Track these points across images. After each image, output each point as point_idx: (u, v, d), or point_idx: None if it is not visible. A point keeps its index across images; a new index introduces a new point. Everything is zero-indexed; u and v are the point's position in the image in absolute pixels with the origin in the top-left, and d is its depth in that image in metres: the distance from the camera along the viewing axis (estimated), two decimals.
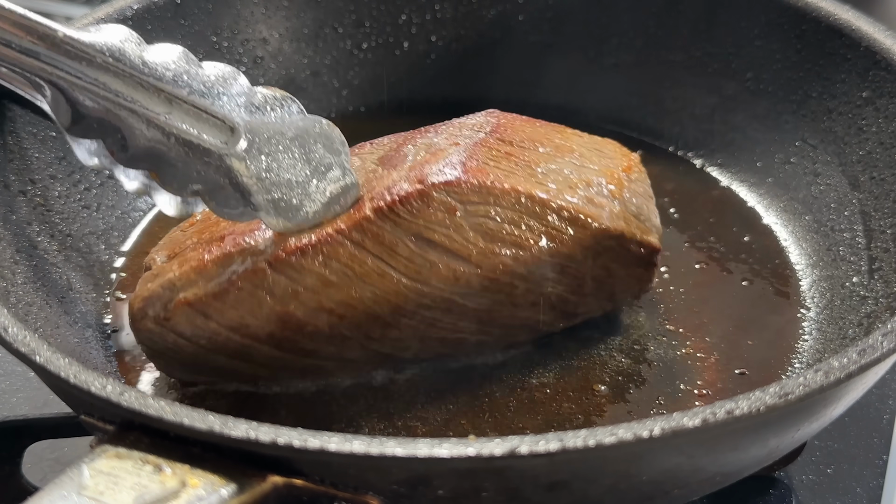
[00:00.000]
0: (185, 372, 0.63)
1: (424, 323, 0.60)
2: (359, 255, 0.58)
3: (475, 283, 0.59)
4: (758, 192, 0.79)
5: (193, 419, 0.45)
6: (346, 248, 0.58)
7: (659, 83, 0.85)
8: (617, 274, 0.64)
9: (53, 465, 0.65)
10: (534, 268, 0.60)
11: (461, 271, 0.59)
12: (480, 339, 0.63)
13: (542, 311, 0.62)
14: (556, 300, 0.63)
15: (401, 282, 0.58)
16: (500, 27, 0.88)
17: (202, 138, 0.55)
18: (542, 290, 0.62)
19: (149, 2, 0.78)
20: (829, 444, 0.68)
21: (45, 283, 0.65)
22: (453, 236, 0.59)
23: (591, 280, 0.63)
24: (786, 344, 0.66)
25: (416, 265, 0.58)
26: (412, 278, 0.59)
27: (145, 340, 0.61)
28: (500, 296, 0.61)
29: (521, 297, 0.61)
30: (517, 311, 0.62)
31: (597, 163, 0.65)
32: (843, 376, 0.48)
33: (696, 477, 0.52)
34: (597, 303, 0.65)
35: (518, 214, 0.60)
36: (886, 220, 0.67)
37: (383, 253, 0.58)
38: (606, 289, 0.64)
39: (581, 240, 0.61)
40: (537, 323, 0.63)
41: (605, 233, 0.62)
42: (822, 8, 0.76)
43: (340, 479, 0.46)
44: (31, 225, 0.67)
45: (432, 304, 0.60)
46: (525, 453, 0.43)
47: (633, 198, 0.64)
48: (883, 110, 0.70)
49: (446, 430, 0.60)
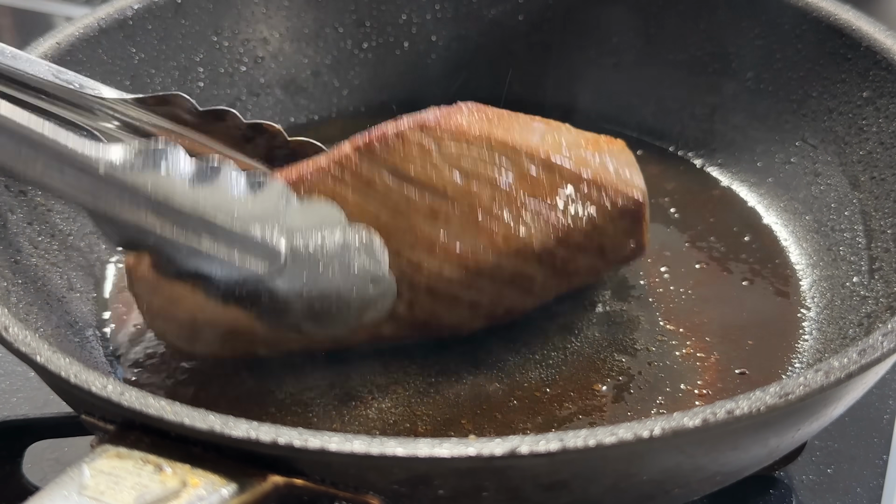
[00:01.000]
0: (182, 335, 0.62)
1: (410, 266, 0.60)
2: (340, 191, 0.60)
3: (454, 221, 0.60)
4: (758, 192, 0.79)
5: (194, 419, 0.45)
6: (327, 183, 0.60)
7: (659, 83, 0.85)
8: (602, 227, 0.63)
9: (54, 465, 0.65)
10: (510, 210, 0.61)
11: (438, 207, 0.60)
12: (472, 296, 0.62)
13: (528, 263, 0.62)
14: (541, 250, 0.62)
15: (380, 217, 0.60)
16: (500, 27, 0.88)
17: (245, 265, 0.54)
18: (523, 235, 0.61)
19: (149, 2, 0.78)
20: (829, 444, 0.68)
21: (45, 283, 0.65)
22: (429, 172, 0.60)
23: (574, 232, 0.62)
24: (786, 344, 0.66)
25: (393, 199, 0.60)
26: (391, 212, 0.60)
27: (143, 293, 0.61)
28: (481, 238, 0.61)
29: (503, 242, 0.61)
30: (502, 259, 0.61)
31: (575, 133, 0.66)
32: (843, 376, 0.48)
33: (697, 476, 0.52)
34: (588, 260, 0.64)
35: (492, 157, 0.61)
36: (887, 220, 0.67)
37: (361, 187, 0.60)
38: (594, 243, 0.64)
39: (555, 184, 0.62)
40: (527, 280, 0.63)
41: (580, 179, 0.62)
42: (822, 8, 0.76)
43: (341, 479, 0.46)
44: (31, 225, 0.67)
45: (415, 243, 0.60)
46: (525, 453, 0.44)
47: (613, 158, 0.65)
48: (883, 110, 0.71)
49: (447, 430, 0.60)
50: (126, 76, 0.78)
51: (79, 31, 0.75)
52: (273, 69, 0.86)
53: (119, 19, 0.76)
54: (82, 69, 0.74)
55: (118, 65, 0.77)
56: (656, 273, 0.72)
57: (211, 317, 0.61)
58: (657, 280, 0.71)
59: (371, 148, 0.61)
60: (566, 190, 0.62)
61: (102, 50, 0.76)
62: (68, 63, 0.73)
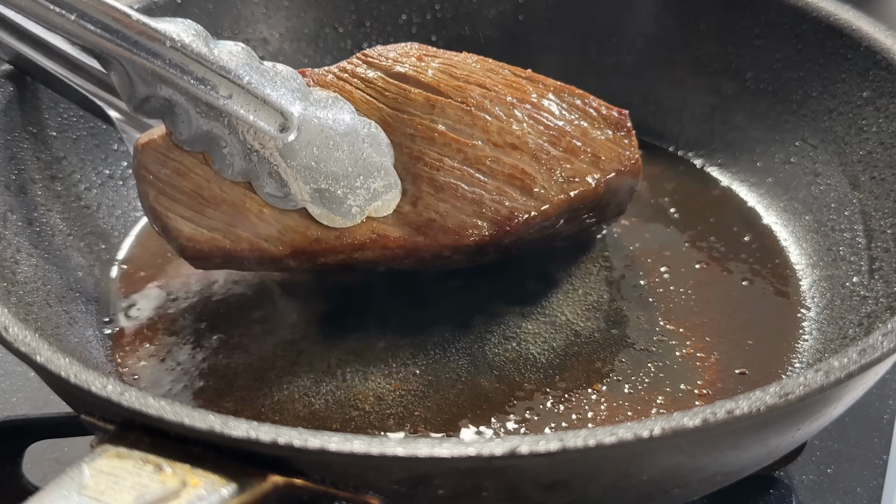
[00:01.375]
0: (185, 214, 0.61)
1: (412, 158, 0.63)
2: (343, 88, 0.64)
3: (450, 112, 0.64)
4: (758, 192, 0.79)
5: (194, 419, 0.45)
6: (331, 81, 0.64)
7: (659, 83, 0.85)
8: (591, 135, 0.67)
9: (54, 465, 0.65)
10: (501, 107, 0.65)
11: (434, 99, 0.64)
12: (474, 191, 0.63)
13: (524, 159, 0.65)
14: (535, 148, 0.65)
15: (382, 110, 0.64)
16: (500, 27, 0.88)
17: (257, 124, 0.58)
18: (517, 130, 0.65)
19: (149, 2, 0.78)
20: (829, 444, 0.68)
21: (45, 283, 0.65)
22: (421, 70, 0.65)
23: (565, 134, 0.66)
24: (786, 344, 0.66)
25: (393, 94, 0.64)
26: (392, 107, 0.64)
27: (151, 163, 0.60)
28: (477, 129, 0.64)
29: (498, 136, 0.65)
30: (499, 153, 0.64)
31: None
32: (843, 376, 0.48)
33: (697, 476, 0.52)
34: (583, 166, 0.66)
35: (478, 67, 0.67)
36: (887, 220, 0.67)
37: (364, 86, 0.64)
38: (588, 148, 0.67)
39: (542, 93, 0.68)
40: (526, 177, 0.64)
41: (563, 88, 0.68)
42: (822, 8, 0.76)
43: (341, 479, 0.46)
44: (31, 225, 0.67)
45: (415, 133, 0.63)
46: (525, 453, 0.44)
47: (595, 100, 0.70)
48: (883, 110, 0.71)
49: (446, 429, 0.60)
50: None
51: None
52: None
53: None
54: None
55: None
56: (656, 273, 0.72)
57: (218, 193, 0.61)
58: (657, 280, 0.71)
59: (368, 55, 0.65)
60: (553, 98, 0.68)
61: None
62: None
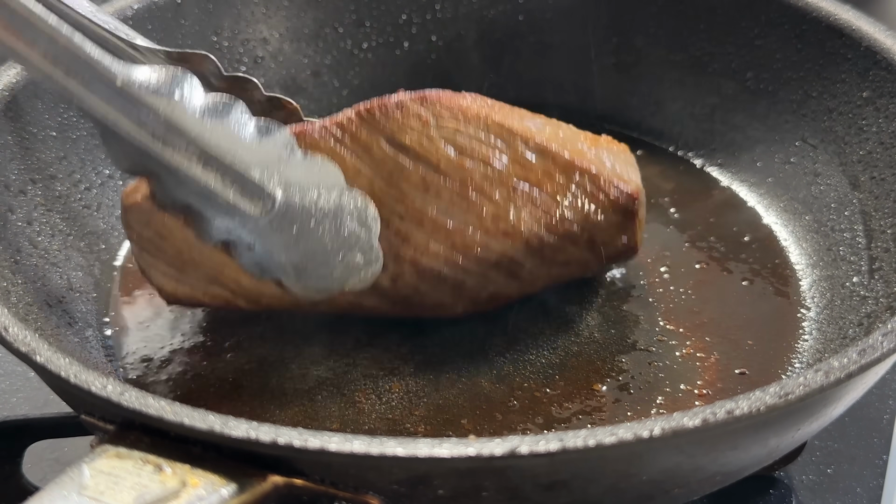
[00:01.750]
0: (169, 271, 0.63)
1: (398, 237, 0.61)
2: (338, 151, 0.61)
3: (444, 196, 0.61)
4: (758, 192, 0.79)
5: (194, 419, 0.45)
6: (326, 142, 0.61)
7: (659, 83, 0.85)
8: (593, 219, 0.63)
9: (53, 465, 0.65)
10: (501, 190, 0.62)
11: (430, 179, 0.61)
12: (456, 276, 0.62)
13: (516, 247, 0.62)
14: (529, 236, 0.62)
15: (374, 182, 0.61)
16: (500, 27, 0.88)
17: (238, 203, 0.56)
18: (513, 218, 0.62)
19: (149, 2, 0.78)
20: (829, 444, 0.68)
21: (45, 283, 0.65)
22: (424, 143, 0.61)
23: (565, 220, 0.63)
24: (786, 344, 0.66)
25: (388, 167, 0.61)
26: (385, 180, 0.61)
27: (135, 224, 0.62)
28: (470, 216, 0.61)
29: (491, 222, 0.62)
30: (490, 240, 0.62)
31: (575, 130, 0.67)
32: (843, 376, 0.48)
33: (697, 476, 0.52)
34: (577, 252, 0.64)
35: (487, 136, 0.62)
36: (887, 220, 0.67)
37: (359, 151, 0.61)
38: (584, 235, 0.64)
39: (548, 172, 0.63)
40: (514, 265, 0.63)
41: (574, 167, 0.63)
42: (822, 8, 0.76)
43: (341, 479, 0.46)
44: (31, 225, 0.67)
45: (404, 214, 0.61)
46: (525, 453, 0.44)
47: (609, 155, 0.65)
48: (883, 110, 0.71)
49: (446, 430, 0.60)
50: None
51: None
52: (273, 69, 0.86)
53: (119, 19, 0.76)
54: None
55: None
56: (656, 273, 0.72)
57: (197, 257, 0.62)
58: (657, 280, 0.71)
59: (372, 114, 0.62)
60: (559, 178, 0.63)
61: None
62: None
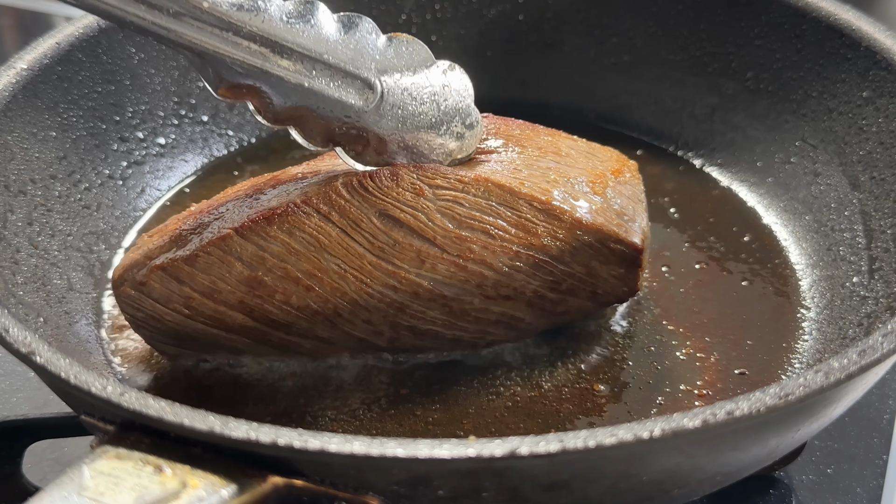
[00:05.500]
0: (168, 342, 0.63)
1: (393, 307, 0.60)
2: (325, 227, 0.59)
3: (441, 269, 0.60)
4: (758, 192, 0.79)
5: (194, 420, 0.45)
6: (312, 218, 0.59)
7: (659, 83, 0.85)
8: (597, 273, 0.62)
9: (54, 465, 0.65)
10: (503, 258, 0.60)
11: (426, 253, 0.60)
12: (455, 333, 0.62)
13: (517, 306, 0.62)
14: (532, 296, 0.62)
15: (365, 257, 0.59)
16: (500, 27, 0.88)
17: (342, 97, 0.59)
18: (515, 283, 0.61)
19: None
20: (829, 444, 0.68)
21: (45, 283, 0.65)
22: (419, 217, 0.59)
23: (568, 277, 0.62)
24: (786, 344, 0.66)
25: (379, 242, 0.59)
26: (376, 255, 0.59)
27: (127, 308, 0.62)
28: (469, 285, 0.60)
29: (493, 289, 0.61)
30: (490, 304, 0.61)
31: (583, 164, 0.64)
32: (843, 377, 0.48)
33: (696, 477, 0.52)
34: (578, 303, 0.63)
35: (487, 202, 0.60)
36: (886, 220, 0.67)
37: (348, 227, 0.59)
38: (587, 288, 0.63)
39: (554, 232, 0.61)
40: (514, 320, 0.63)
41: (580, 226, 0.61)
42: (822, 8, 0.76)
43: (341, 480, 0.46)
44: (31, 225, 0.67)
45: (398, 286, 0.60)
46: (525, 454, 0.44)
47: (617, 197, 0.63)
48: (883, 110, 0.71)
49: (447, 430, 0.60)
50: (126, 76, 0.78)
51: (79, 31, 0.75)
52: None
53: None
54: (82, 69, 0.75)
55: (118, 65, 0.77)
56: (656, 273, 0.72)
57: (192, 332, 0.62)
58: (657, 280, 0.71)
59: (364, 186, 0.59)
60: (564, 236, 0.61)
61: (102, 50, 0.76)
62: (68, 62, 0.73)
